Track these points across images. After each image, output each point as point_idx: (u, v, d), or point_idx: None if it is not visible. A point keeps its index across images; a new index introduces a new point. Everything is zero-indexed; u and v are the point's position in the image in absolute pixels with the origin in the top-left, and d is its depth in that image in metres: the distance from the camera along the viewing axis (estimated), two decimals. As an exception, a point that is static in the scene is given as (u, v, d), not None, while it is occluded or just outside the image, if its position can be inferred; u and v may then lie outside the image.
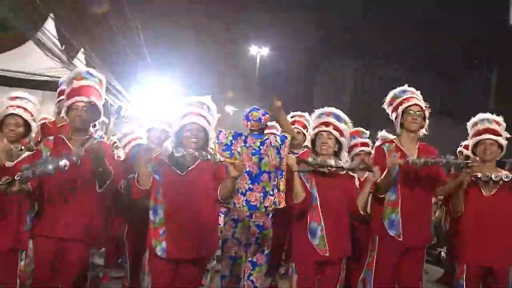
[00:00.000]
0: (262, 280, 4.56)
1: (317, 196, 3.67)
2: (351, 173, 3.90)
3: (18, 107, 3.47)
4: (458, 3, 31.90)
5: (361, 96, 34.84)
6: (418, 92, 3.95)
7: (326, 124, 3.77)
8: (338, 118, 3.82)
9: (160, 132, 4.28)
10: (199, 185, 3.28)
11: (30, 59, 9.87)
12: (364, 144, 4.76)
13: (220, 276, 4.57)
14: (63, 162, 3.02)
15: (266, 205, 4.46)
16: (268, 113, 4.70)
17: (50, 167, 3.01)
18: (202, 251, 3.33)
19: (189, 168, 3.33)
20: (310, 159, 3.59)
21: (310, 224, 3.65)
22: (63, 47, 11.61)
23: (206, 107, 3.45)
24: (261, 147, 4.55)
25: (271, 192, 4.50)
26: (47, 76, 10.98)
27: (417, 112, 3.81)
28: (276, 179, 4.56)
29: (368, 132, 4.92)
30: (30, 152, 3.51)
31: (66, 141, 3.41)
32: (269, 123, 5.64)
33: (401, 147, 3.85)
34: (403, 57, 33.99)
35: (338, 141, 3.77)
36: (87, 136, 3.47)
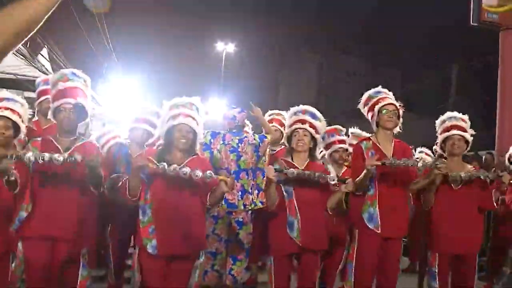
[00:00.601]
0: (243, 274, 4.70)
1: (293, 191, 3.82)
2: (326, 170, 4.05)
3: (6, 108, 3.37)
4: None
5: (325, 90, 35.42)
6: (391, 93, 4.17)
7: (302, 121, 3.94)
8: (313, 116, 4.01)
9: (142, 132, 4.28)
10: (188, 183, 3.28)
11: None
12: (342, 142, 4.90)
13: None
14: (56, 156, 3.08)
15: (245, 203, 4.53)
16: (244, 111, 4.80)
17: (47, 156, 3.05)
18: (192, 246, 3.39)
19: (179, 167, 3.31)
20: (289, 172, 3.69)
21: (288, 217, 3.79)
22: (27, 43, 11.37)
23: (195, 108, 3.52)
24: (239, 144, 4.61)
25: (250, 191, 4.57)
26: (11, 74, 10.78)
27: (392, 111, 4.03)
28: (256, 178, 4.66)
29: (344, 130, 5.08)
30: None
31: (55, 142, 3.40)
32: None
33: (378, 145, 4.05)
34: (365, 50, 34.64)
35: (313, 138, 3.95)
36: (75, 137, 3.50)
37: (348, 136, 5.09)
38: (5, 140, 3.36)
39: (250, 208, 4.59)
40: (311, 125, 3.93)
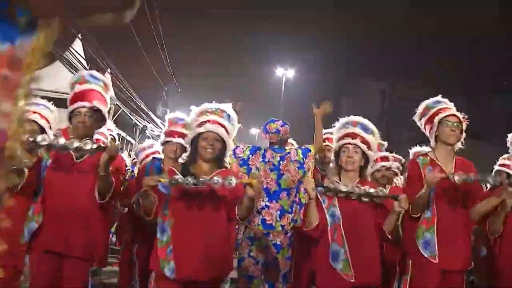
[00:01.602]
0: None
1: (340, 215, 3.23)
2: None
3: (34, 112, 3.30)
4: (481, 24, 31.46)
5: (387, 118, 34.44)
6: (452, 104, 3.62)
7: (352, 135, 3.37)
8: (365, 128, 3.44)
9: (175, 146, 4.02)
10: (214, 199, 2.93)
11: (57, 78, 10.02)
12: (384, 159, 4.38)
13: None
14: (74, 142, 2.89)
15: (282, 223, 4.21)
16: (287, 124, 4.50)
17: (61, 141, 2.86)
18: (215, 271, 2.95)
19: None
20: (331, 185, 3.18)
21: (332, 246, 3.18)
22: (89, 66, 11.74)
23: (226, 115, 3.16)
24: (281, 162, 4.31)
25: (290, 210, 4.24)
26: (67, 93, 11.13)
27: (455, 124, 3.47)
28: (297, 195, 4.33)
29: (386, 143, 4.51)
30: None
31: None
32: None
33: (437, 161, 3.51)
34: (430, 78, 33.61)
35: (364, 155, 3.36)
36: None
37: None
38: (30, 145, 3.18)
39: (289, 228, 4.22)
40: (363, 140, 3.35)
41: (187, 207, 2.89)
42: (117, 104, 12.90)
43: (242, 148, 4.37)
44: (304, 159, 4.31)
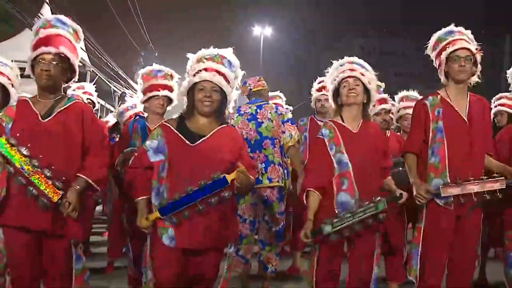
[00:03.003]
0: (274, 261, 4.07)
1: (349, 162, 2.97)
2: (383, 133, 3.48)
3: None
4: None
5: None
6: (468, 32, 3.28)
7: (351, 70, 3.11)
8: (361, 66, 3.18)
9: (162, 99, 3.71)
10: (214, 158, 2.60)
11: (27, 47, 9.54)
12: (383, 101, 4.15)
13: None
14: None
15: (270, 176, 3.99)
16: (256, 77, 4.41)
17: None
18: (217, 238, 2.65)
19: (202, 139, 2.66)
20: (328, 226, 2.81)
21: (339, 195, 2.94)
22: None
23: (226, 62, 2.78)
24: (258, 110, 4.15)
25: (279, 162, 4.05)
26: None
27: (466, 57, 3.14)
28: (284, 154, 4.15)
29: (383, 84, 4.16)
30: None
31: (31, 104, 2.74)
32: (272, 93, 5.38)
33: (449, 100, 3.24)
34: (409, 31, 33.37)
35: (366, 91, 3.09)
36: (59, 96, 2.81)
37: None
38: None
39: (278, 183, 4.01)
40: (363, 74, 3.10)
41: (187, 167, 2.59)
42: (93, 70, 12.46)
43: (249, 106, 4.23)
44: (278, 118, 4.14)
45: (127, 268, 3.84)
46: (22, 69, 3.75)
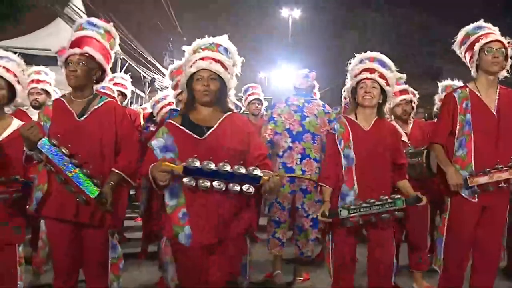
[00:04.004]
0: (310, 247, 4.27)
1: (354, 157, 3.15)
2: (397, 131, 3.50)
3: None
4: None
5: (397, 48, 33.36)
6: (496, 29, 3.29)
7: (370, 70, 3.20)
8: (382, 64, 3.26)
9: None
10: (225, 149, 2.56)
11: (59, 37, 9.78)
12: (404, 92, 4.15)
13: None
14: None
15: (303, 168, 4.16)
16: (313, 71, 4.52)
17: None
18: (235, 230, 2.61)
19: (210, 130, 2.61)
20: (345, 211, 2.98)
21: (342, 187, 3.13)
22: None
23: (222, 49, 2.73)
24: (305, 104, 4.31)
25: (316, 157, 4.18)
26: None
27: (499, 50, 3.16)
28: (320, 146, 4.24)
29: (404, 76, 4.17)
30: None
31: (67, 104, 2.85)
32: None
33: (478, 93, 3.25)
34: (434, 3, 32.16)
35: (383, 91, 3.21)
36: (91, 96, 2.90)
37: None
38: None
39: (309, 177, 4.16)
40: (381, 75, 3.19)
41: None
42: (123, 57, 12.68)
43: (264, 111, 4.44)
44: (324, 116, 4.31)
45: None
46: (51, 58, 3.97)
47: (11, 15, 12.58)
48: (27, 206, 2.85)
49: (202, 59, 2.65)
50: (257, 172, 2.44)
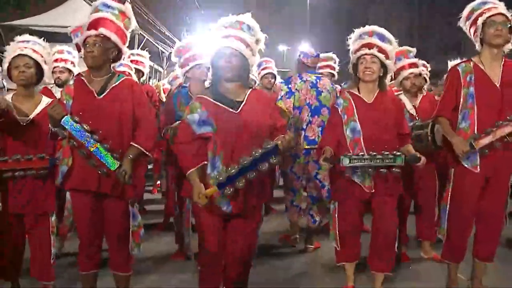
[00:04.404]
0: (323, 215, 4.55)
1: (360, 129, 3.26)
2: (400, 102, 3.63)
3: (26, 48, 3.16)
4: None
5: (417, 30, 32.83)
6: (502, 4, 3.28)
7: (369, 45, 3.29)
8: (381, 38, 3.34)
9: (203, 69, 3.95)
10: (257, 122, 2.72)
11: (77, 14, 9.90)
12: (412, 65, 4.18)
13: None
14: None
15: None
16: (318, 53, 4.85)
17: None
18: (255, 201, 2.82)
19: (242, 104, 2.76)
20: (346, 159, 3.10)
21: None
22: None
23: (245, 27, 2.84)
24: (317, 80, 4.56)
25: None
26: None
27: (502, 22, 3.17)
28: None
29: (414, 50, 4.26)
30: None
31: (87, 83, 2.99)
32: (324, 55, 5.95)
33: (482, 67, 3.27)
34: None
35: (383, 65, 3.30)
36: (109, 75, 3.05)
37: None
38: (26, 80, 3.13)
39: None
40: (380, 49, 3.28)
41: (235, 133, 2.68)
42: (140, 33, 12.77)
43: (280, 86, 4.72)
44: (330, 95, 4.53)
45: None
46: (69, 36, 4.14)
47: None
48: (55, 180, 3.06)
49: (225, 36, 2.78)
50: (271, 144, 2.58)
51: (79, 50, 3.70)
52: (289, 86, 4.53)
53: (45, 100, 3.23)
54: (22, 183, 3.06)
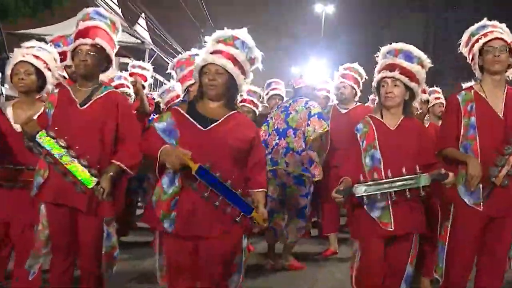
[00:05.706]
0: (295, 233, 4.53)
1: (380, 158, 2.93)
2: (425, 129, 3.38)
3: (29, 54, 3.13)
4: None
5: (433, 51, 32.69)
6: (503, 25, 3.08)
7: (391, 67, 2.97)
8: (408, 56, 3.01)
9: None
10: (226, 144, 2.54)
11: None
12: (437, 91, 4.12)
13: None
14: None
15: (287, 161, 4.45)
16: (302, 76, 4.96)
17: None
18: (225, 226, 2.58)
19: (215, 123, 2.59)
20: (361, 188, 2.79)
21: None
22: (121, 11, 11.64)
23: (238, 43, 2.65)
24: (291, 103, 4.63)
25: (299, 151, 4.44)
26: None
27: (500, 47, 2.96)
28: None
29: None
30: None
31: (71, 93, 2.89)
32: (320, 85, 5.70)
33: (484, 95, 3.06)
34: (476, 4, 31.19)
35: (408, 88, 2.98)
36: (96, 85, 2.95)
37: None
38: (26, 87, 3.11)
39: (292, 171, 4.44)
40: (403, 71, 2.94)
41: (199, 152, 2.50)
42: (151, 48, 12.81)
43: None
44: (311, 117, 4.50)
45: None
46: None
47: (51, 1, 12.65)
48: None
49: (213, 52, 2.61)
50: (250, 205, 2.53)
51: (63, 60, 3.52)
52: (291, 104, 4.63)
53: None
54: (7, 194, 3.06)
